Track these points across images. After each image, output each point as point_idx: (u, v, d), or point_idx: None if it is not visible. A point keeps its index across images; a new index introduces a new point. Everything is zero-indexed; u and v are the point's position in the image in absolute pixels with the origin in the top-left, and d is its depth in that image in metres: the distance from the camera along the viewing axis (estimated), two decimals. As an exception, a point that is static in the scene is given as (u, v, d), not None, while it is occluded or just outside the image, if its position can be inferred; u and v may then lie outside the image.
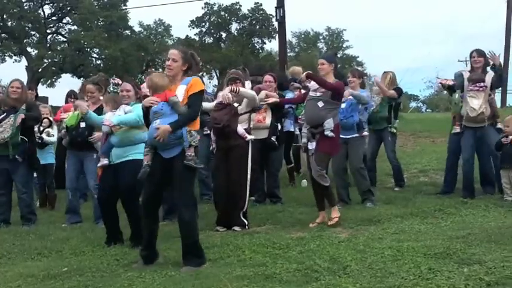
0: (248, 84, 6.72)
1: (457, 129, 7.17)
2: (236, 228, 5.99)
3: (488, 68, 7.24)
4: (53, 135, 8.02)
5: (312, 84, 6.13)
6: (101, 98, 6.38)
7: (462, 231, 5.13)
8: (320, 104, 5.94)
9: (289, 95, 8.08)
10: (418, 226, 5.63)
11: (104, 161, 5.50)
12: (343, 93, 6.33)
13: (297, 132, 8.15)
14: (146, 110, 4.65)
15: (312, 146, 5.95)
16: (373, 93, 8.12)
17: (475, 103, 6.90)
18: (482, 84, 6.94)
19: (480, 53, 7.21)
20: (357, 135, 7.17)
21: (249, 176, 6.11)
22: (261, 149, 7.11)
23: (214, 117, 6.20)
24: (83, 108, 5.81)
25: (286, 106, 7.65)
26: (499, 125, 7.23)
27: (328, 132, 5.89)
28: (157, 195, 4.66)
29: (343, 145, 7.10)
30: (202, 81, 4.69)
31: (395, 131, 8.26)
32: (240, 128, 6.16)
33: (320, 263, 4.26)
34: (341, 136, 7.02)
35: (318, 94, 6.00)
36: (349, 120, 7.07)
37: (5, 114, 6.66)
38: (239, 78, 6.44)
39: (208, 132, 7.01)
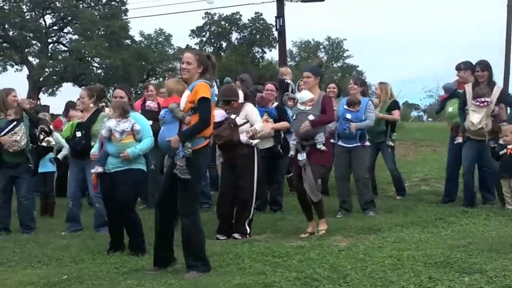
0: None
1: (460, 140, 7.13)
2: (236, 235, 5.98)
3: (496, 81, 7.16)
4: (53, 143, 8.03)
5: (300, 97, 6.11)
6: (91, 105, 6.52)
7: (463, 240, 5.12)
8: (311, 117, 5.85)
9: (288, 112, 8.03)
10: (419, 235, 5.62)
11: (99, 169, 5.46)
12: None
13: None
14: None
15: (302, 156, 5.85)
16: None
17: (476, 118, 6.84)
18: (483, 99, 6.83)
19: (483, 66, 7.03)
20: (359, 144, 7.14)
21: (255, 184, 6.12)
22: (267, 157, 7.10)
23: (215, 135, 6.01)
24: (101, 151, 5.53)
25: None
26: (500, 141, 6.88)
27: (320, 146, 5.88)
28: (170, 196, 4.61)
29: (346, 153, 7.12)
30: (211, 85, 4.57)
31: (392, 144, 8.24)
32: (243, 137, 6.14)
33: (320, 271, 4.25)
34: (344, 145, 7.10)
35: (308, 108, 5.92)
36: (350, 131, 7.04)
37: (15, 122, 6.68)
38: (234, 99, 6.28)
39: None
